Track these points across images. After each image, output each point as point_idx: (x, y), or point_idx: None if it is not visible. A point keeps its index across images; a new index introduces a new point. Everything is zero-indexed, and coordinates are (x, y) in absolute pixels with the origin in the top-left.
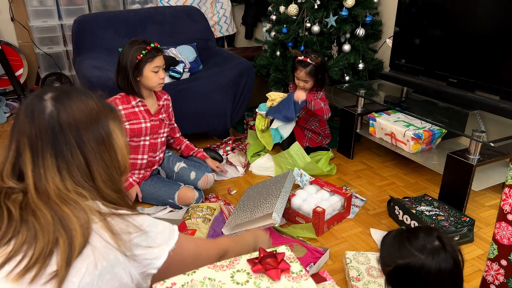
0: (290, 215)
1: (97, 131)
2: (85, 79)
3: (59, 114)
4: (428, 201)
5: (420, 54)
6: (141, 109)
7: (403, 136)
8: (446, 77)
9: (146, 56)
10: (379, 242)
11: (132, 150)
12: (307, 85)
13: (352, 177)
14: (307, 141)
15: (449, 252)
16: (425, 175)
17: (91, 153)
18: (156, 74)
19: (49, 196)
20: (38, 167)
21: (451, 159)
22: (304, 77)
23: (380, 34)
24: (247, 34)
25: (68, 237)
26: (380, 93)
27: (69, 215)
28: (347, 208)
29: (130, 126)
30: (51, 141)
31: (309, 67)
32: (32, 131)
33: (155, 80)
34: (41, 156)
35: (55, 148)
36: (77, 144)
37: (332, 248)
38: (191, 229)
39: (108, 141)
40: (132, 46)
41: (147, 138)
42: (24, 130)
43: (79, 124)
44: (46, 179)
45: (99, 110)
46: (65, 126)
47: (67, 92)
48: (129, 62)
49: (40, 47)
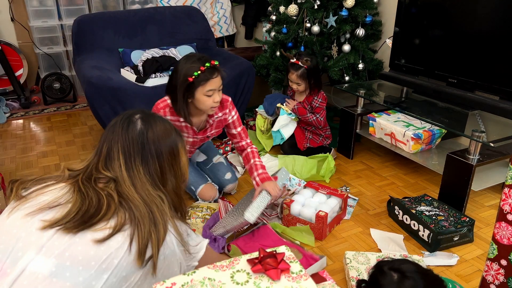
0: (290, 221)
1: (170, 147)
2: (85, 79)
3: (147, 131)
4: (428, 201)
5: (420, 54)
6: (187, 125)
7: (403, 136)
8: (446, 77)
9: (198, 78)
10: (379, 242)
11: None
12: (300, 87)
13: (352, 177)
14: (307, 142)
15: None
16: (425, 175)
17: (167, 163)
18: (210, 97)
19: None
20: (130, 169)
21: (451, 159)
22: (296, 79)
23: (380, 34)
24: (247, 34)
25: (157, 231)
26: (380, 93)
27: (157, 214)
28: (344, 209)
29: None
30: (140, 151)
31: (300, 70)
32: (126, 141)
33: (208, 104)
34: (133, 161)
35: (143, 157)
36: (157, 155)
37: (332, 248)
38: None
39: (177, 155)
40: (185, 64)
41: (187, 146)
42: (118, 139)
43: (160, 140)
44: (138, 179)
45: (172, 132)
46: (151, 141)
47: (153, 116)
48: (180, 83)
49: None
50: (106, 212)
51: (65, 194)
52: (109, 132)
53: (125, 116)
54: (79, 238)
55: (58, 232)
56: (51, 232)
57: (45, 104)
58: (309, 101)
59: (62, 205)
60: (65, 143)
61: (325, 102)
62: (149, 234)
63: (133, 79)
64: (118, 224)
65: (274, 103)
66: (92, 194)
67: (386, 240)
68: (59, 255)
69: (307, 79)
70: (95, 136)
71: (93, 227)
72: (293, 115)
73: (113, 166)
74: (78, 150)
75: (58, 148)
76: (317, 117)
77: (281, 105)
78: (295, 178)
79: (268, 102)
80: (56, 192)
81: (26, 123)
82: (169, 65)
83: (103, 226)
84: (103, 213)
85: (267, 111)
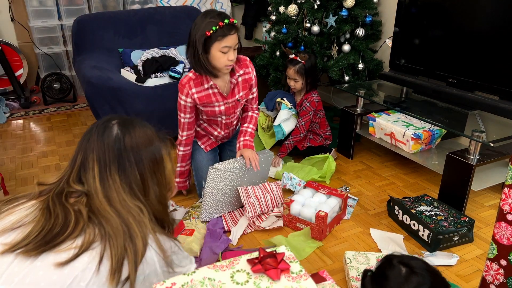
0: (290, 221)
1: (152, 153)
2: (85, 79)
3: (125, 137)
4: (427, 201)
5: (420, 54)
6: (214, 91)
7: (403, 136)
8: (445, 77)
9: (216, 33)
10: (378, 242)
11: (211, 124)
12: (297, 84)
13: (352, 177)
14: (307, 141)
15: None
16: (425, 175)
17: (148, 170)
18: (225, 54)
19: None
20: (105, 179)
21: (451, 159)
22: (293, 75)
23: (379, 34)
24: (247, 34)
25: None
26: (379, 93)
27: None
28: (343, 209)
29: (204, 109)
30: (116, 158)
31: (298, 66)
32: (101, 149)
33: (222, 61)
34: (108, 170)
35: (119, 165)
36: (136, 163)
37: (332, 248)
38: (189, 229)
39: (160, 162)
40: (205, 19)
41: (223, 118)
42: (93, 147)
43: (140, 147)
44: (113, 190)
45: (154, 137)
46: (128, 147)
47: (131, 121)
48: (198, 37)
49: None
50: (73, 230)
51: (31, 213)
52: (84, 140)
53: (102, 122)
54: (40, 261)
55: (19, 256)
56: (11, 257)
57: (45, 104)
58: (299, 103)
59: (26, 225)
60: (65, 143)
61: (312, 108)
62: (124, 249)
63: (133, 79)
64: (85, 243)
65: (275, 98)
66: (59, 211)
67: (386, 240)
68: (19, 282)
69: (304, 75)
70: None
71: (56, 248)
72: (293, 110)
73: (87, 178)
74: None
75: (58, 148)
76: (295, 129)
77: (281, 100)
78: (295, 178)
79: (269, 97)
80: (23, 211)
81: (26, 123)
82: (169, 65)
83: (68, 246)
84: (69, 232)
85: (267, 106)
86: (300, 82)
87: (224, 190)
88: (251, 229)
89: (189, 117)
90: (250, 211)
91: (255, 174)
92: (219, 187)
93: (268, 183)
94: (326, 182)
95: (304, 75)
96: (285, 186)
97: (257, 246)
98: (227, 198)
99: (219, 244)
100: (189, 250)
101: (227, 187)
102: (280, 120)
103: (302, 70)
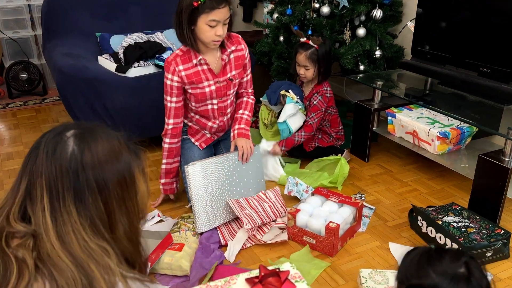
0: (296, 234)
1: (120, 173)
2: (57, 69)
3: (83, 153)
4: (456, 210)
5: (447, 39)
6: (204, 68)
7: (427, 135)
8: (477, 66)
9: (204, 4)
10: (399, 258)
11: (202, 115)
12: (308, 73)
13: (368, 183)
14: (315, 142)
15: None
16: (453, 180)
17: (115, 198)
18: (212, 29)
19: (73, 249)
20: (58, 213)
21: (483, 161)
22: (304, 61)
23: (400, 16)
24: (245, 16)
25: None
26: (400, 84)
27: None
28: (358, 220)
29: (193, 91)
30: (72, 184)
31: (310, 50)
32: (52, 173)
33: (209, 36)
34: (62, 201)
35: (77, 193)
36: (100, 189)
37: (345, 265)
38: (178, 243)
39: (131, 186)
40: None
41: (214, 102)
42: (42, 170)
43: (104, 165)
44: (68, 227)
45: (123, 150)
46: (88, 167)
47: (92, 130)
48: (185, 6)
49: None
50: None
51: None
52: (30, 159)
53: (53, 134)
54: None
55: None
56: None
57: (10, 98)
58: (308, 97)
59: None
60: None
61: (325, 103)
62: None
63: (113, 68)
64: None
65: (278, 91)
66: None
67: None
68: None
69: (317, 63)
70: None
71: None
72: (300, 104)
73: (34, 212)
74: None
75: (26, 149)
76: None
77: (286, 92)
78: (302, 184)
79: (271, 89)
80: None
81: None
82: (155, 52)
83: None
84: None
85: (270, 99)
86: (312, 71)
87: (211, 190)
88: (251, 242)
89: (176, 101)
90: (249, 223)
91: (246, 171)
92: (203, 186)
93: (262, 192)
94: (337, 188)
95: (317, 62)
96: (290, 193)
97: (257, 263)
98: (220, 200)
99: (210, 260)
100: (178, 268)
101: (214, 186)
102: (286, 116)
103: (315, 56)
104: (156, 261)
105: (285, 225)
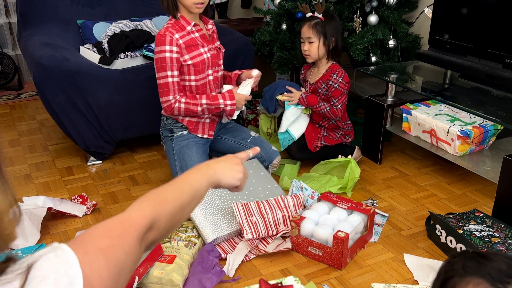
0: (300, 245)
1: None
2: (34, 60)
3: None
4: (479, 218)
5: (469, 27)
6: (197, 36)
7: (447, 134)
8: (502, 58)
9: None
10: (415, 271)
11: (201, 91)
12: (312, 47)
13: (380, 188)
14: (321, 141)
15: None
16: (475, 185)
17: None
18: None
19: None
20: None
21: (509, 163)
22: (307, 33)
23: (416, 1)
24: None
25: None
26: (416, 78)
27: None
28: (369, 229)
29: (192, 60)
30: None
31: (314, 20)
32: None
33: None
34: None
35: None
36: None
37: (355, 279)
38: (169, 255)
39: None
40: None
41: (210, 72)
42: None
43: None
44: None
45: None
46: None
47: None
48: None
49: None
50: None
51: None
52: None
53: None
54: None
55: None
56: None
57: None
58: (324, 80)
59: None
60: (7, 143)
61: (347, 85)
62: None
63: (96, 59)
64: None
65: (274, 96)
66: None
67: (425, 268)
68: None
69: (321, 34)
70: (46, 134)
71: None
72: (301, 106)
73: None
74: (24, 152)
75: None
76: (331, 106)
77: (281, 96)
78: (307, 189)
79: (267, 95)
80: None
81: None
82: (143, 41)
83: None
84: None
85: (268, 109)
86: (316, 45)
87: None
88: (254, 254)
89: (178, 75)
90: (250, 232)
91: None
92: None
93: (281, 196)
94: (347, 193)
95: (321, 33)
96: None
97: (258, 277)
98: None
99: (210, 277)
100: (168, 282)
101: (210, 197)
102: (288, 124)
103: (320, 27)
104: (144, 274)
105: (288, 232)
